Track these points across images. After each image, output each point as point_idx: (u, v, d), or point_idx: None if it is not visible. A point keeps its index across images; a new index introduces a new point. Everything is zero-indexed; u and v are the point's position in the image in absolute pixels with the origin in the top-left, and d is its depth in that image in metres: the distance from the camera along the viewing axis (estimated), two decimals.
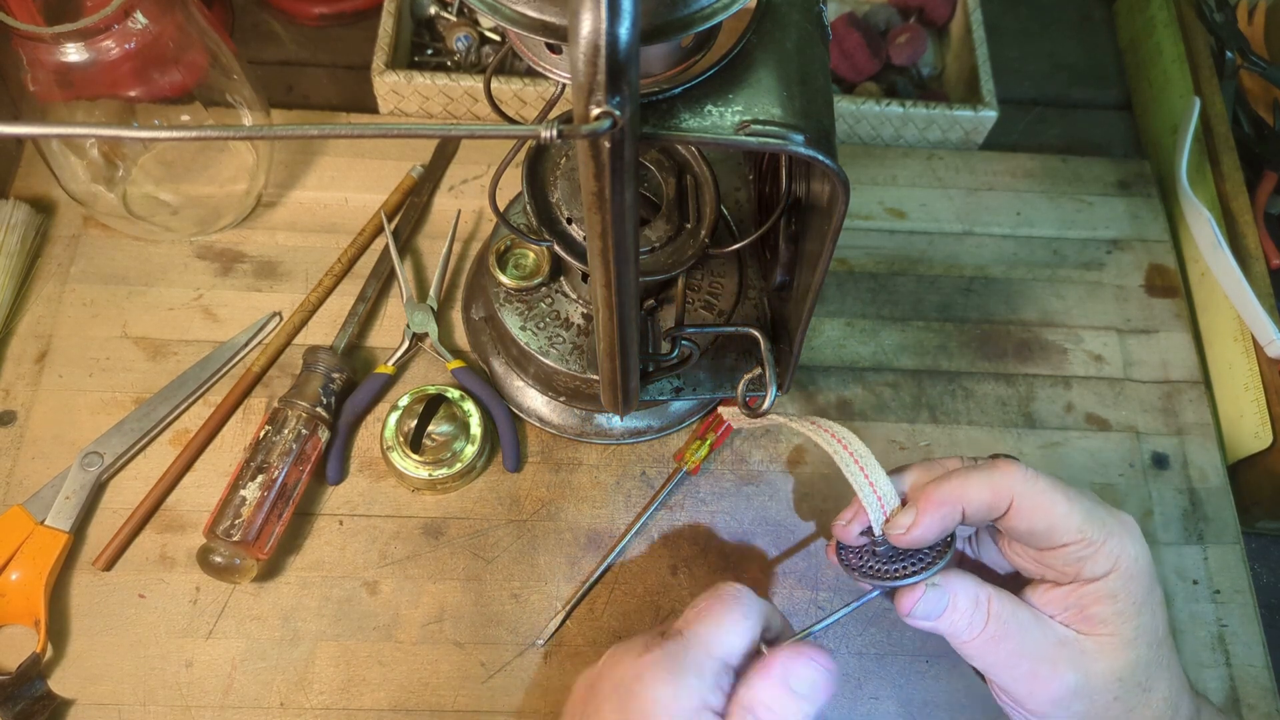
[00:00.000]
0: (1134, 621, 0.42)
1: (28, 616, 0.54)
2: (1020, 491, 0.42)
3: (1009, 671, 0.43)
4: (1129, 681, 0.43)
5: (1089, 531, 0.42)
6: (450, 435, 0.59)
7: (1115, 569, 0.42)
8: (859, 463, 0.45)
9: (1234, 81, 0.74)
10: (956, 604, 0.42)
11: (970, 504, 0.42)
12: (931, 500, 0.43)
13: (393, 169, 0.69)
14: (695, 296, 0.58)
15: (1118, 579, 0.42)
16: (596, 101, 0.31)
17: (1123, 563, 0.42)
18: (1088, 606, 0.42)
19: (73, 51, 0.53)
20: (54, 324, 0.62)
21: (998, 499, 0.42)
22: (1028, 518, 0.42)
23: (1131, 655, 0.42)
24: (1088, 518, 0.42)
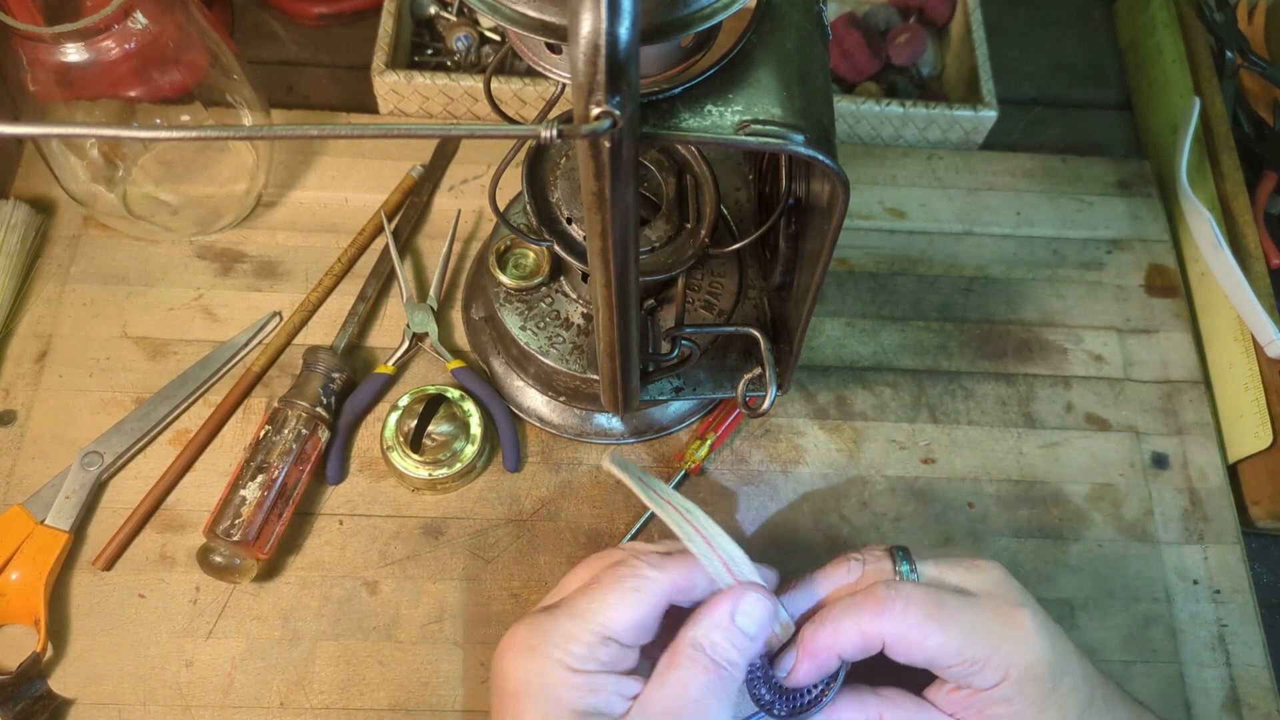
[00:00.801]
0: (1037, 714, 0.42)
1: (28, 616, 0.54)
2: (890, 633, 0.42)
3: None
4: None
5: (970, 652, 0.41)
6: (450, 435, 0.59)
7: (1006, 678, 0.41)
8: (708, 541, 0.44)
9: (1234, 81, 0.74)
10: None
11: (845, 649, 0.43)
12: (808, 648, 0.43)
13: (393, 169, 0.69)
14: (695, 296, 0.58)
15: (1010, 686, 0.41)
16: (596, 101, 0.31)
17: (1013, 671, 0.41)
18: (984, 709, 0.42)
19: (73, 51, 0.53)
20: (54, 324, 0.62)
21: (869, 643, 0.42)
22: (905, 653, 0.42)
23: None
24: (967, 639, 0.41)
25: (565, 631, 0.40)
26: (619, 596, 0.41)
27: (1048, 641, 0.42)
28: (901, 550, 0.45)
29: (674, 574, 0.43)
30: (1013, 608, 0.43)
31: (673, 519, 0.44)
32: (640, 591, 0.41)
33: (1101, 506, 0.62)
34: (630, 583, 0.42)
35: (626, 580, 0.42)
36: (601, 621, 0.41)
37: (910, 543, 0.60)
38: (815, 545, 0.60)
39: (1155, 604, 0.60)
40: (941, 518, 0.61)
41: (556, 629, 0.41)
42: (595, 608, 0.41)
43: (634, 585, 0.41)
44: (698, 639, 0.41)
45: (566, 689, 0.40)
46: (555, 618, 0.41)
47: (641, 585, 0.42)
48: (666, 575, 0.42)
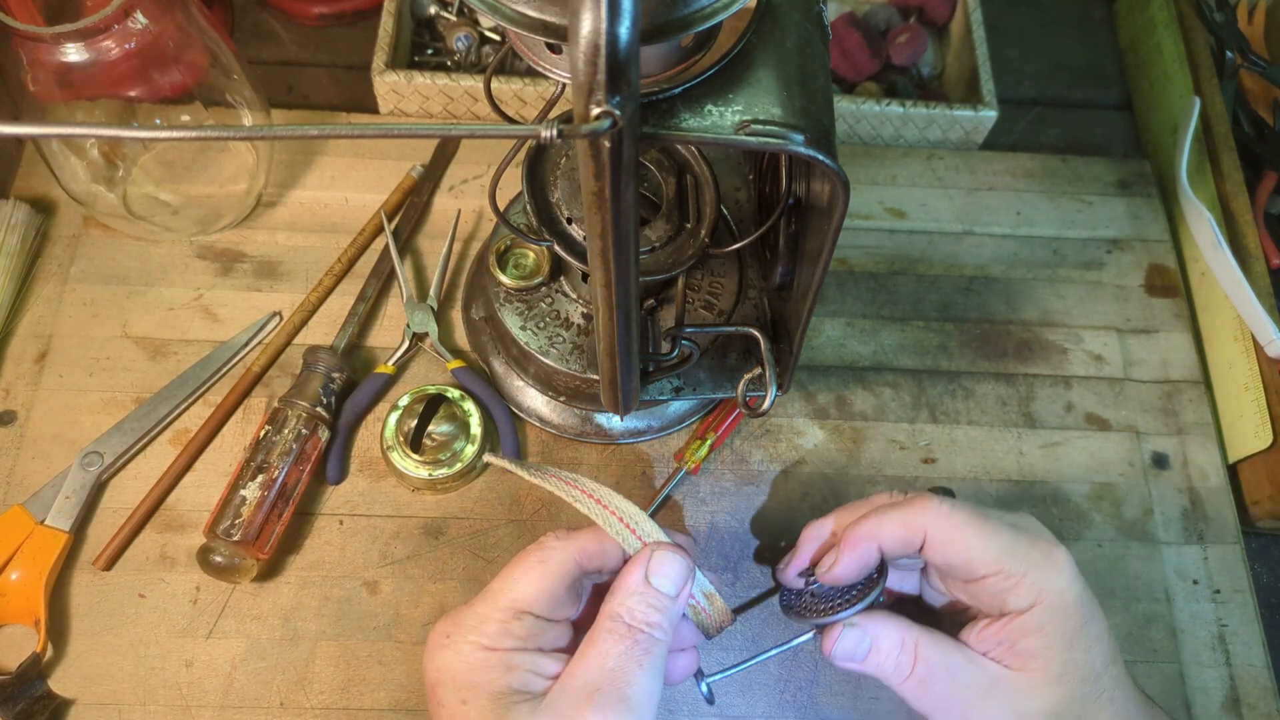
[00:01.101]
0: (1063, 656, 0.42)
1: (28, 616, 0.54)
2: (933, 526, 0.42)
3: (942, 714, 0.43)
4: (1065, 716, 0.42)
5: (1006, 564, 0.42)
6: (450, 435, 0.59)
7: (1038, 602, 0.42)
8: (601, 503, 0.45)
9: (1234, 81, 0.74)
10: (879, 646, 0.43)
11: (885, 540, 0.44)
12: (848, 539, 0.44)
13: (393, 169, 0.69)
14: (695, 296, 0.58)
15: (1043, 612, 0.42)
16: (596, 101, 0.31)
17: (1046, 596, 0.42)
18: (1016, 641, 0.42)
19: (73, 51, 0.53)
20: (54, 324, 0.62)
21: (911, 535, 0.43)
22: (942, 551, 0.43)
23: (1063, 691, 0.42)
24: (1006, 551, 0.42)
25: (478, 614, 0.41)
26: (524, 570, 0.42)
27: (1080, 580, 0.43)
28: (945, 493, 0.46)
29: (579, 542, 0.43)
30: (1049, 543, 0.43)
31: (558, 488, 0.45)
32: (545, 563, 0.42)
33: (1101, 506, 0.62)
34: (535, 555, 0.42)
35: (532, 555, 0.42)
36: (511, 597, 0.41)
37: None
38: None
39: (1155, 604, 0.60)
40: None
41: (469, 614, 0.41)
42: (504, 586, 0.42)
43: (539, 558, 0.42)
44: (614, 609, 0.42)
45: (483, 671, 0.40)
46: (469, 604, 0.42)
47: (546, 557, 0.42)
48: (572, 544, 0.43)
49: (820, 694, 0.56)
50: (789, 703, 0.56)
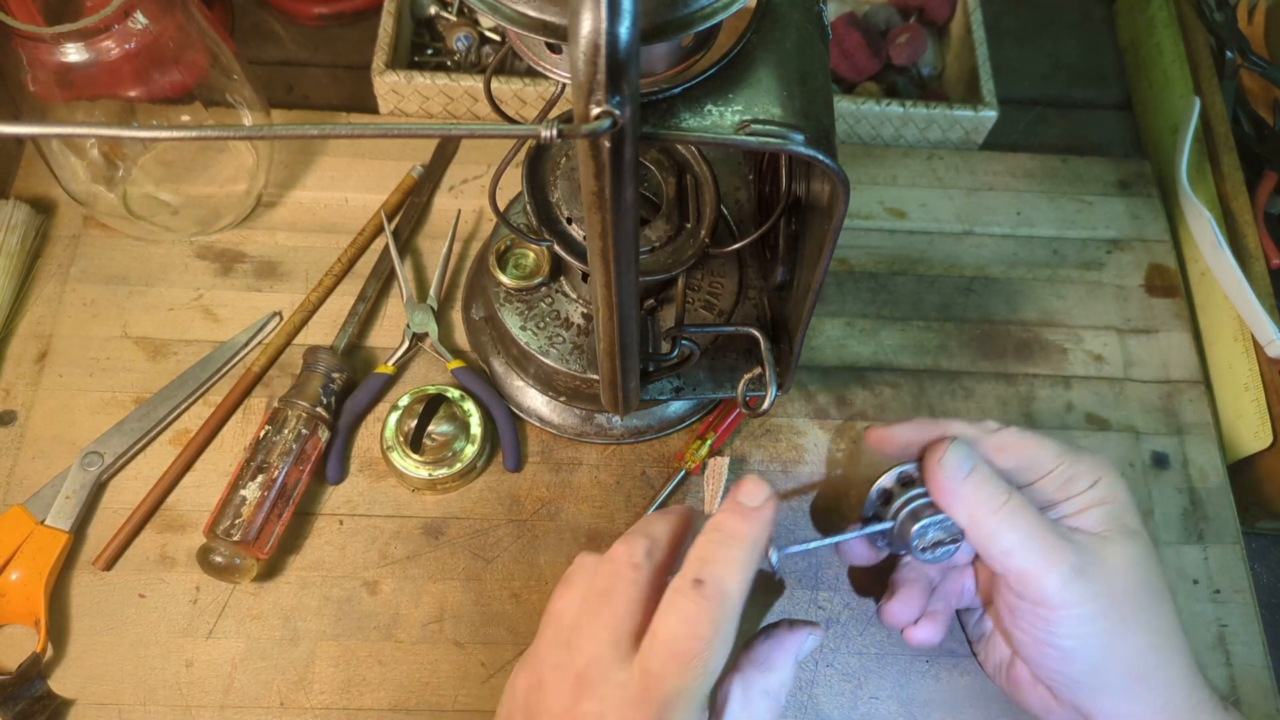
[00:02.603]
0: (1126, 523, 0.46)
1: (28, 616, 0.54)
2: (999, 434, 0.48)
3: (1021, 552, 0.45)
4: (1141, 576, 0.45)
5: (1065, 457, 0.47)
6: (450, 435, 0.59)
7: (1098, 481, 0.46)
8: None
9: (1234, 81, 0.74)
10: (981, 467, 0.46)
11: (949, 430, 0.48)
12: (916, 420, 0.49)
13: (393, 169, 0.69)
14: (695, 296, 0.58)
15: (1103, 488, 0.46)
16: (596, 101, 0.31)
17: (1103, 476, 0.47)
18: (1083, 513, 0.46)
19: (73, 51, 0.53)
20: (54, 324, 0.62)
21: (978, 434, 0.48)
22: (1012, 454, 0.47)
23: (1134, 549, 0.46)
24: (1061, 449, 0.47)
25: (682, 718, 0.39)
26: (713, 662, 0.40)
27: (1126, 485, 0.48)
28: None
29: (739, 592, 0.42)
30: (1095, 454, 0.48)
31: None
32: (726, 641, 0.41)
33: None
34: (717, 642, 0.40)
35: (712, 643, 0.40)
36: (705, 686, 0.40)
37: None
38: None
39: None
40: None
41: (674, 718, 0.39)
42: (695, 682, 0.40)
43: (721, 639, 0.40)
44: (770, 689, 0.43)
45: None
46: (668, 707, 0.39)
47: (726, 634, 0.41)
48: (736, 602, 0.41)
49: (820, 694, 0.56)
50: (789, 703, 0.56)
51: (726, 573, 0.41)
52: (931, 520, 0.47)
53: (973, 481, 0.46)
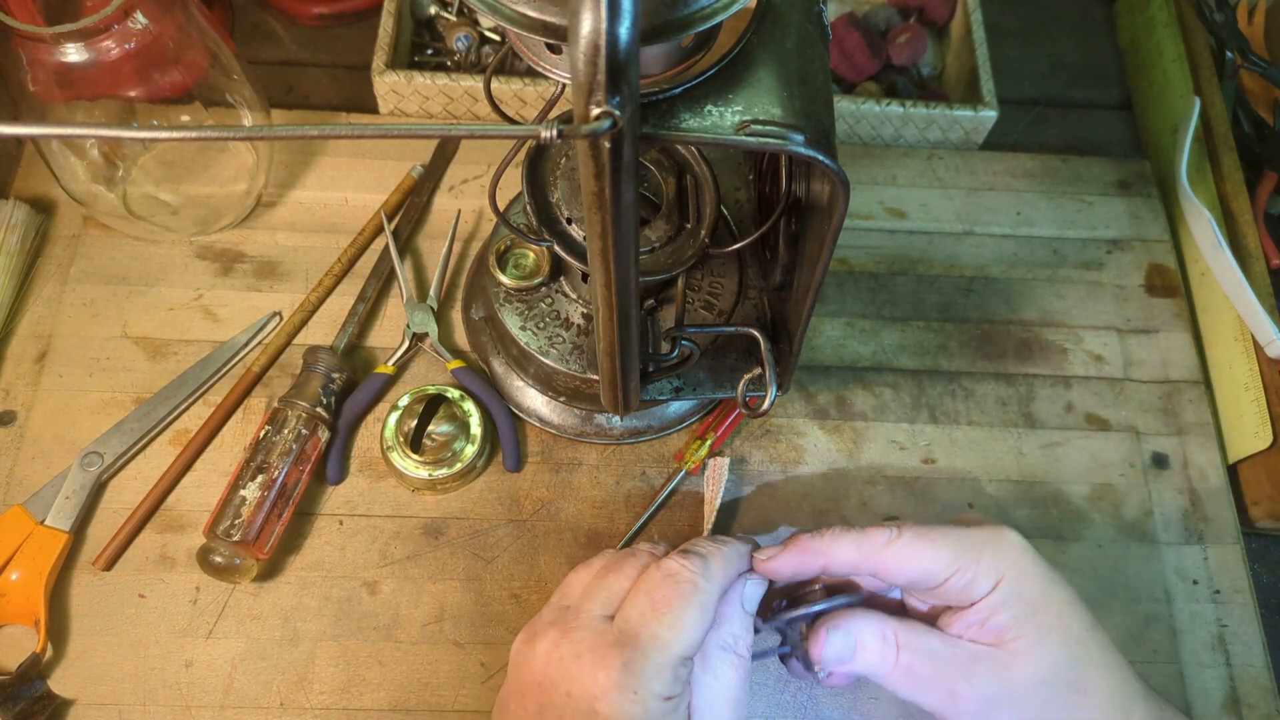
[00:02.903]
0: (1033, 624, 0.43)
1: (28, 616, 0.54)
2: (888, 550, 0.44)
3: (930, 696, 0.44)
4: (1055, 683, 0.43)
5: (961, 559, 0.43)
6: (450, 435, 0.59)
7: (1000, 580, 0.43)
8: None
9: (1234, 81, 0.74)
10: (864, 643, 0.44)
11: (834, 559, 0.45)
12: (797, 545, 0.45)
13: (393, 169, 0.69)
14: (695, 296, 0.58)
15: (1006, 587, 0.43)
16: (596, 101, 0.31)
17: (1006, 571, 0.43)
18: (987, 620, 0.43)
19: (73, 51, 0.53)
20: (54, 324, 0.62)
21: (862, 557, 0.44)
22: (902, 570, 0.44)
23: (1046, 655, 0.43)
24: (957, 548, 0.43)
25: (656, 666, 0.41)
26: (688, 617, 0.42)
27: (1035, 556, 0.44)
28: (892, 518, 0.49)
29: (719, 576, 0.44)
30: (994, 526, 0.45)
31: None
32: (704, 607, 0.43)
33: (1101, 507, 0.62)
34: (692, 597, 0.42)
35: (688, 595, 0.42)
36: (684, 644, 0.42)
37: None
38: None
39: (1155, 604, 0.60)
40: (941, 518, 0.61)
41: (648, 665, 0.41)
42: (672, 635, 0.41)
43: (698, 601, 0.42)
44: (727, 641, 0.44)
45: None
46: (643, 654, 0.41)
47: (702, 599, 0.43)
48: (717, 583, 0.44)
49: (820, 694, 0.56)
50: (789, 703, 0.56)
51: (712, 551, 0.45)
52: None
53: (859, 661, 0.44)
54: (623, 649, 0.41)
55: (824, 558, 0.45)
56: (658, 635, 0.41)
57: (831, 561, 0.45)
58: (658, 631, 0.41)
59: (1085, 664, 0.43)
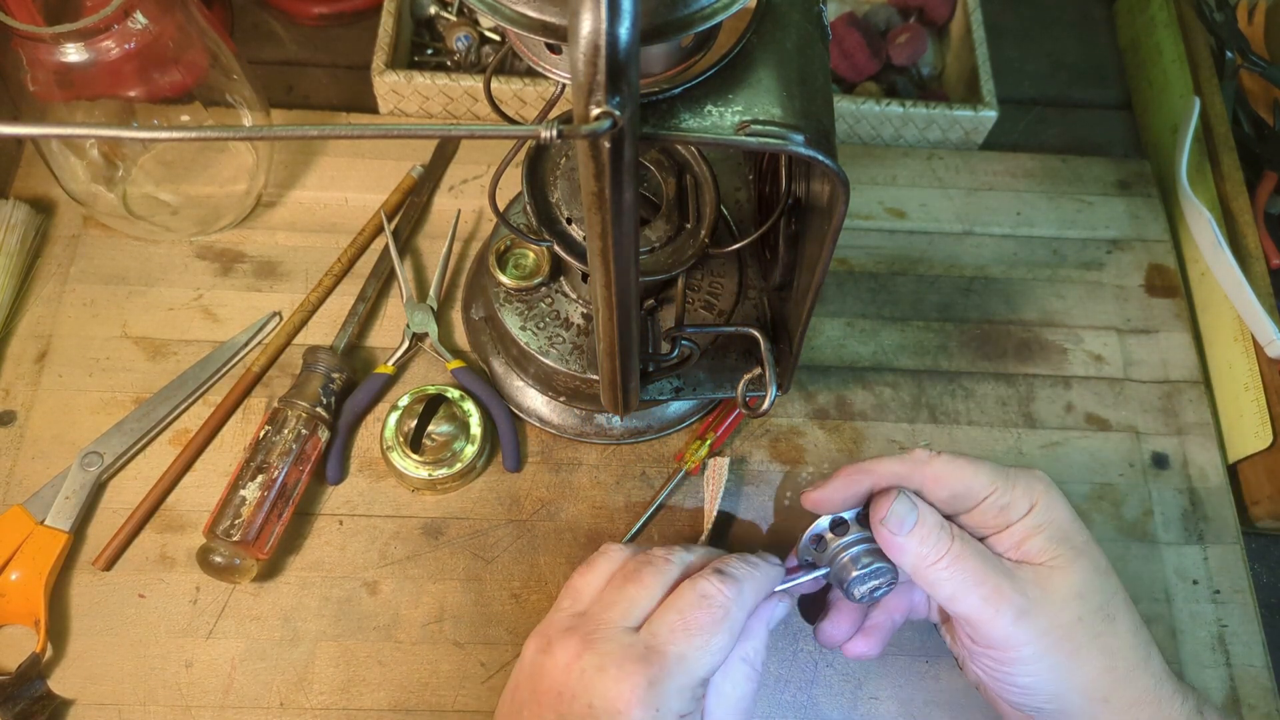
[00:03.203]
0: (1069, 544, 0.46)
1: (28, 616, 0.54)
2: (931, 464, 0.47)
3: (974, 593, 0.45)
4: (1090, 601, 0.45)
5: (999, 481, 0.46)
6: (450, 435, 0.59)
7: (1035, 504, 0.46)
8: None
9: (1234, 81, 0.74)
10: (924, 519, 0.46)
11: (881, 476, 0.48)
12: (843, 472, 0.49)
13: (393, 169, 0.69)
14: (695, 296, 0.58)
15: (1041, 512, 0.46)
16: (596, 101, 0.31)
17: (1039, 498, 0.46)
18: (1023, 543, 0.46)
19: (73, 51, 0.53)
20: (54, 324, 0.62)
21: (909, 471, 0.47)
22: (946, 484, 0.47)
23: (1079, 575, 0.45)
24: (994, 473, 0.47)
25: (679, 685, 0.41)
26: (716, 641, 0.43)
27: (1059, 491, 0.47)
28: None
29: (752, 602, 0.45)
30: (1025, 467, 0.48)
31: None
32: (730, 632, 0.43)
33: (1101, 506, 0.62)
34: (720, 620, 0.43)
35: (718, 617, 0.43)
36: (708, 667, 0.42)
37: None
38: None
39: (1155, 604, 0.60)
40: None
41: (672, 684, 0.41)
42: (699, 658, 0.42)
43: (726, 626, 0.43)
44: (749, 655, 0.45)
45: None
46: (668, 673, 0.41)
47: (729, 623, 0.43)
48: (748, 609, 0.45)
49: (820, 694, 0.56)
50: (789, 703, 0.56)
51: (746, 574, 0.45)
52: (868, 569, 0.48)
53: (916, 534, 0.46)
54: (648, 665, 0.41)
55: (872, 476, 0.47)
56: (685, 655, 0.42)
57: (879, 479, 0.47)
58: (686, 652, 0.42)
59: (1113, 594, 0.46)
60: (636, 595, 0.44)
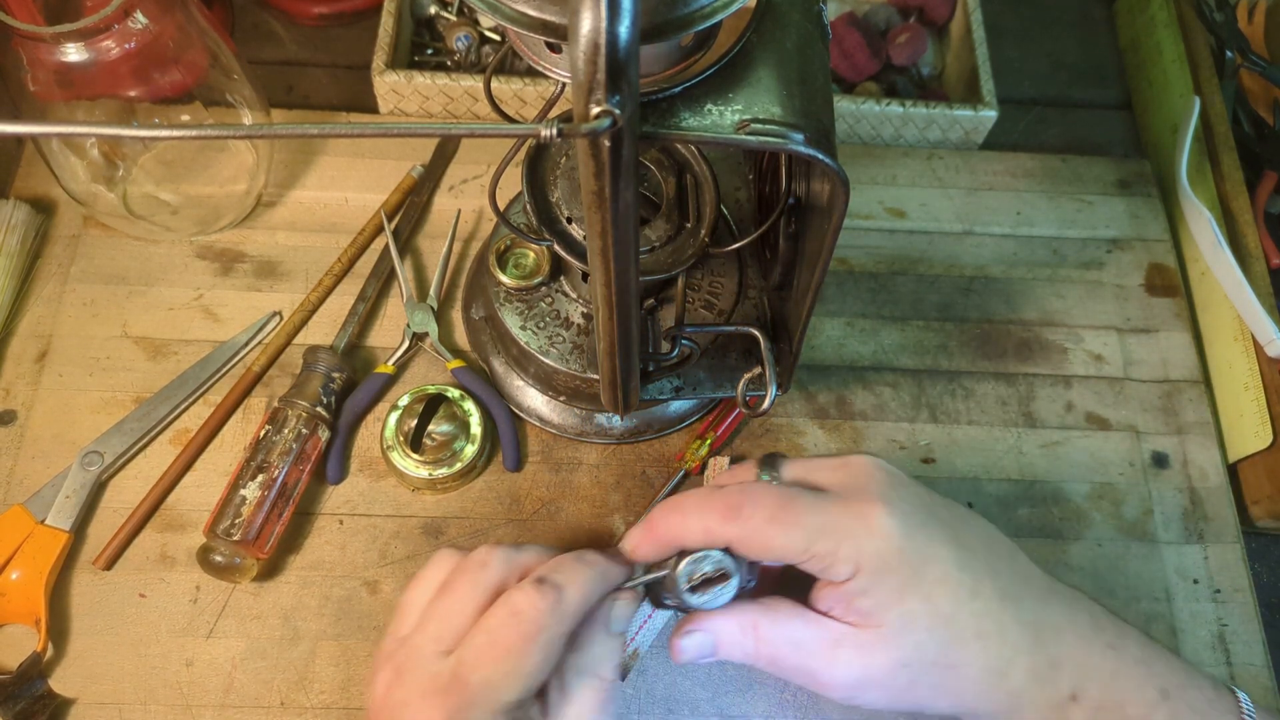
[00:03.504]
0: (896, 610, 0.41)
1: (28, 616, 0.54)
2: (735, 536, 0.41)
3: (796, 678, 0.43)
4: (919, 665, 0.41)
5: (815, 547, 0.41)
6: (450, 435, 0.59)
7: (859, 569, 0.41)
8: None
9: (1234, 81, 0.74)
10: (721, 640, 0.43)
11: (688, 540, 0.42)
12: (653, 527, 0.43)
13: (393, 169, 0.69)
14: (695, 296, 0.58)
15: (865, 578, 0.41)
16: (596, 101, 0.31)
17: (865, 562, 0.41)
18: (852, 601, 0.41)
19: (73, 51, 0.53)
20: (54, 324, 0.62)
21: (713, 540, 0.42)
22: (754, 553, 0.42)
23: (908, 641, 0.41)
24: (812, 535, 0.41)
25: (483, 714, 0.39)
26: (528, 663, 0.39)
27: (902, 531, 0.41)
28: (768, 461, 0.45)
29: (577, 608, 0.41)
30: (865, 502, 0.42)
31: None
32: (548, 648, 0.40)
33: (1102, 506, 0.62)
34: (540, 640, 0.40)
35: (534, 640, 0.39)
36: (517, 690, 0.39)
37: None
38: None
39: (1155, 603, 0.60)
40: None
41: (475, 715, 0.38)
42: (506, 682, 0.39)
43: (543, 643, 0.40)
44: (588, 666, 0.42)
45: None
46: (471, 703, 0.38)
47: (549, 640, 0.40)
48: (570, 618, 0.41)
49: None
50: (789, 703, 0.56)
51: (568, 580, 0.41)
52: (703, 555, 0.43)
53: (722, 654, 0.43)
54: (449, 696, 0.39)
55: (678, 539, 0.43)
56: (491, 680, 0.39)
57: (686, 542, 0.43)
58: (492, 678, 0.39)
59: (955, 641, 0.41)
60: (449, 611, 0.41)
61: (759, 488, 0.42)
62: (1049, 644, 0.42)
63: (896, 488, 0.43)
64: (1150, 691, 0.43)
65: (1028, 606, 0.43)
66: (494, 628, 0.40)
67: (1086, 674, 0.42)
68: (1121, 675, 0.42)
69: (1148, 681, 0.43)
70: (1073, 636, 0.43)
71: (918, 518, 0.42)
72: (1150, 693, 0.43)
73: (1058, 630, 0.43)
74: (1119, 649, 0.43)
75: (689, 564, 0.42)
